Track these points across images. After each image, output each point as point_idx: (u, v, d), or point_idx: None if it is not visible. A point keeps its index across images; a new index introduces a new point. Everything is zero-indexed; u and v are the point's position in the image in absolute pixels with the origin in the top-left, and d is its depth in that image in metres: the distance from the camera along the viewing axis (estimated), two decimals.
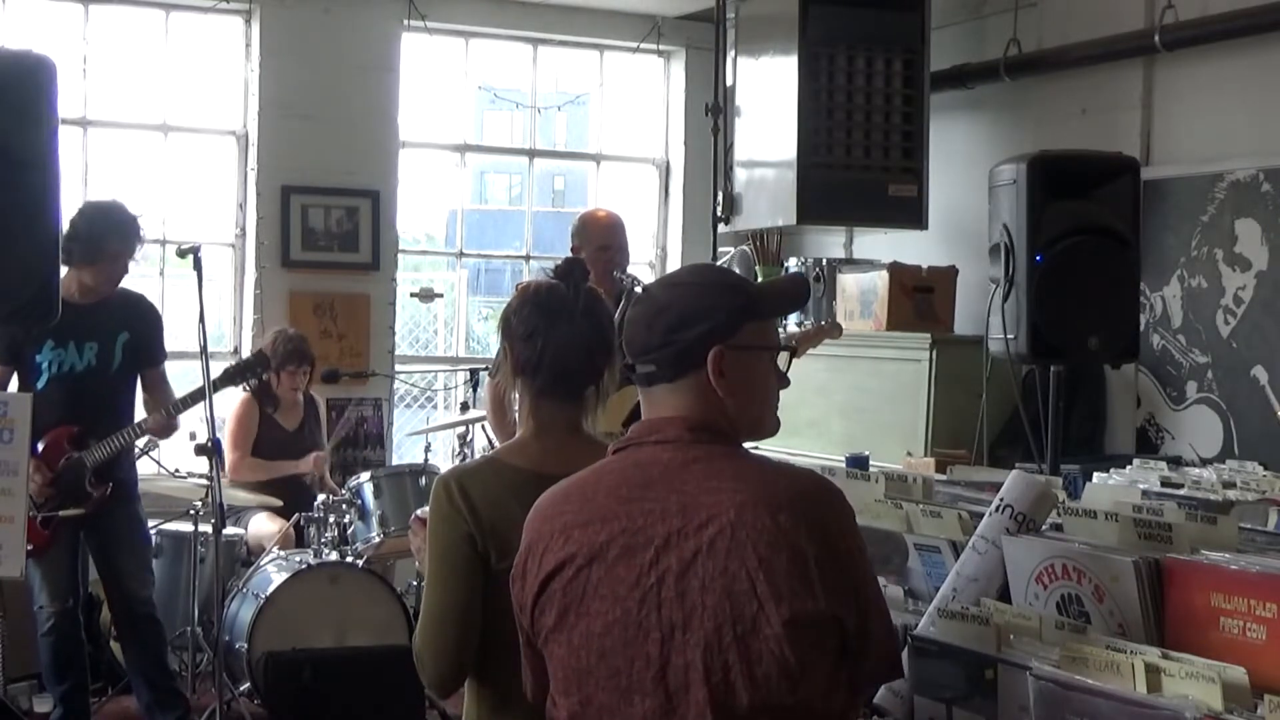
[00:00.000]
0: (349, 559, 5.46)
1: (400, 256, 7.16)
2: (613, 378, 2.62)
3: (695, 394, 2.08)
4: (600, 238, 5.08)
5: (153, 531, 5.38)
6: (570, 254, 5.20)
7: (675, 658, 1.95)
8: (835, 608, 1.96)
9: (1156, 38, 5.44)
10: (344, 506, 5.63)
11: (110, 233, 4.84)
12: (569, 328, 2.54)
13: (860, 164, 6.05)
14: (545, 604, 2.06)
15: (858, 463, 3.59)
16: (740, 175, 6.38)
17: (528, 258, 7.74)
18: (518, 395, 2.63)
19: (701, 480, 2.01)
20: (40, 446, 4.77)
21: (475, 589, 2.45)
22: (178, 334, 5.34)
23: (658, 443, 2.07)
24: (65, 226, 4.79)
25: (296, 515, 5.67)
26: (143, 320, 5.06)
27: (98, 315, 4.89)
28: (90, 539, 5.00)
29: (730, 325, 2.09)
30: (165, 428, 4.99)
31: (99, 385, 4.92)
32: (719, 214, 6.40)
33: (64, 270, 4.83)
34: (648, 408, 2.13)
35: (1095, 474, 3.24)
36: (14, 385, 4.91)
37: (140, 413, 5.07)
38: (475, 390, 5.85)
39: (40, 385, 4.85)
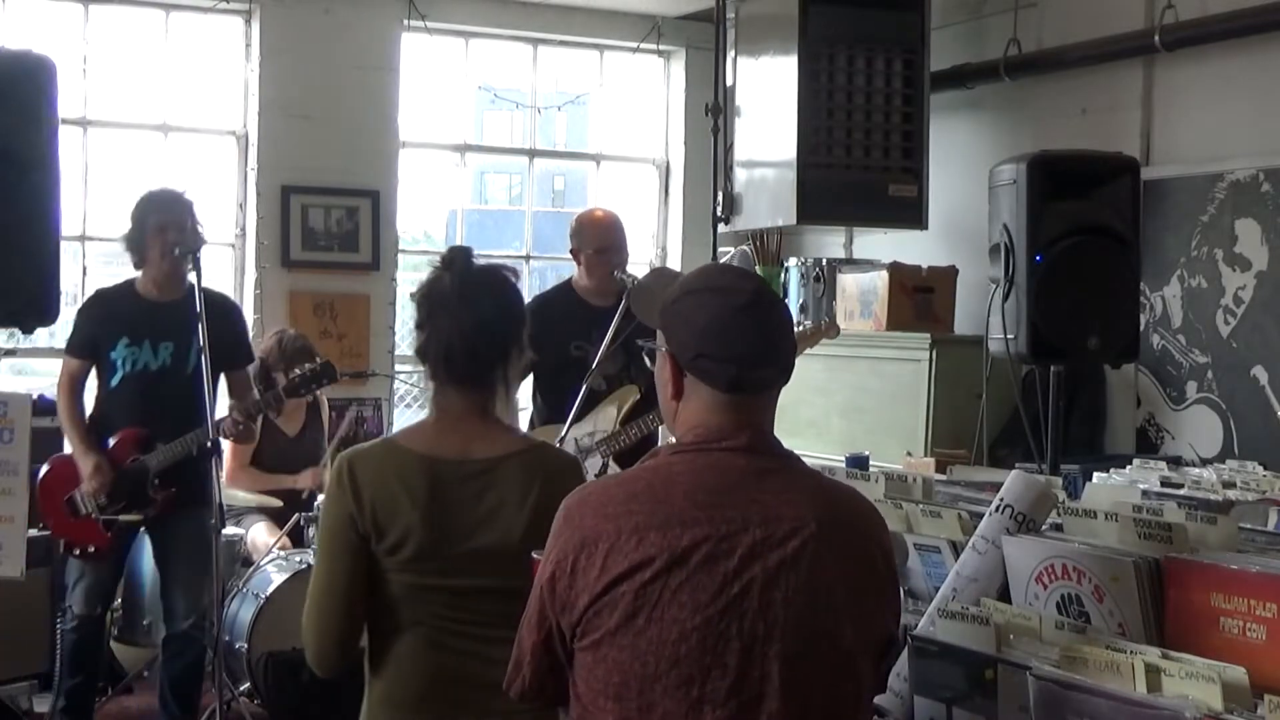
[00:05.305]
0: None
1: (400, 256, 7.16)
2: (516, 364, 2.65)
3: (772, 406, 2.12)
4: (598, 239, 5.08)
5: None
6: (570, 255, 5.21)
7: (753, 669, 1.94)
8: (893, 625, 2.06)
9: (1156, 38, 5.44)
10: None
11: (148, 211, 4.78)
12: (447, 317, 2.60)
13: (860, 164, 6.05)
14: (607, 605, 1.98)
15: (858, 463, 3.59)
16: (740, 175, 6.38)
17: (528, 258, 7.74)
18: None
19: (778, 491, 2.02)
20: (111, 443, 4.79)
21: (356, 569, 2.52)
22: None
23: (729, 449, 2.05)
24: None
25: (296, 516, 5.67)
26: (223, 320, 4.89)
27: (176, 314, 4.74)
28: (153, 540, 4.98)
29: None
30: (242, 430, 4.82)
31: (174, 385, 4.78)
32: (719, 214, 6.40)
33: (139, 273, 4.88)
34: (719, 412, 2.07)
35: (1095, 474, 3.25)
36: (93, 381, 4.89)
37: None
38: None
39: (114, 383, 4.81)
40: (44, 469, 4.91)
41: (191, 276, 4.73)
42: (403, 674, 2.56)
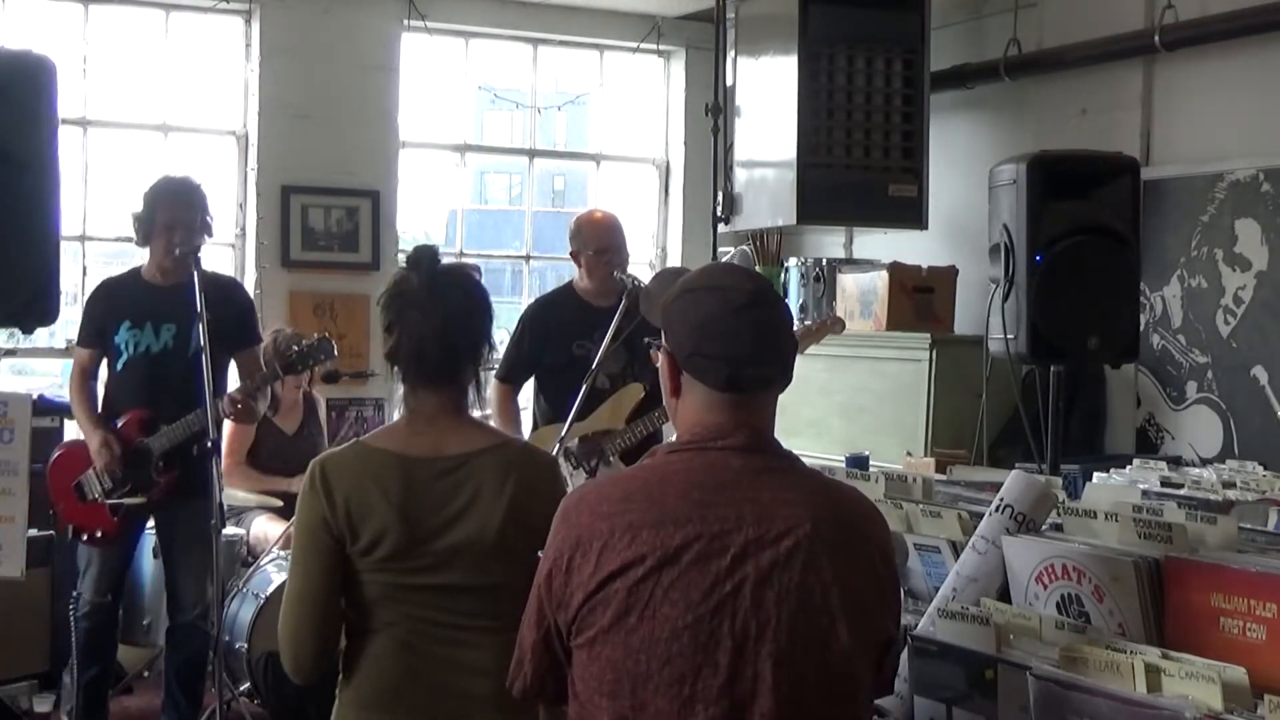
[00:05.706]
0: None
1: (400, 256, 7.16)
2: (487, 360, 2.67)
3: (772, 407, 2.12)
4: (596, 240, 5.08)
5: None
6: (570, 256, 5.21)
7: (745, 668, 1.93)
8: (892, 627, 2.04)
9: (1156, 38, 5.44)
10: None
11: (158, 204, 4.80)
12: (419, 316, 2.59)
13: (860, 164, 6.05)
14: (600, 603, 1.99)
15: (858, 463, 3.59)
16: (740, 175, 6.38)
17: (528, 258, 7.74)
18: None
19: (774, 491, 2.01)
20: (117, 425, 4.80)
21: (331, 574, 2.53)
22: None
23: (725, 448, 2.04)
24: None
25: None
26: (226, 302, 4.86)
27: (179, 297, 4.70)
28: (159, 531, 5.01)
29: None
30: (240, 408, 4.76)
31: (176, 368, 4.77)
32: (719, 214, 6.41)
33: (146, 257, 4.90)
34: (715, 411, 2.07)
35: (1095, 474, 3.25)
36: (104, 367, 4.91)
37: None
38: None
39: (119, 367, 4.84)
40: (54, 454, 4.96)
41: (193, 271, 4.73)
42: (377, 676, 2.56)
